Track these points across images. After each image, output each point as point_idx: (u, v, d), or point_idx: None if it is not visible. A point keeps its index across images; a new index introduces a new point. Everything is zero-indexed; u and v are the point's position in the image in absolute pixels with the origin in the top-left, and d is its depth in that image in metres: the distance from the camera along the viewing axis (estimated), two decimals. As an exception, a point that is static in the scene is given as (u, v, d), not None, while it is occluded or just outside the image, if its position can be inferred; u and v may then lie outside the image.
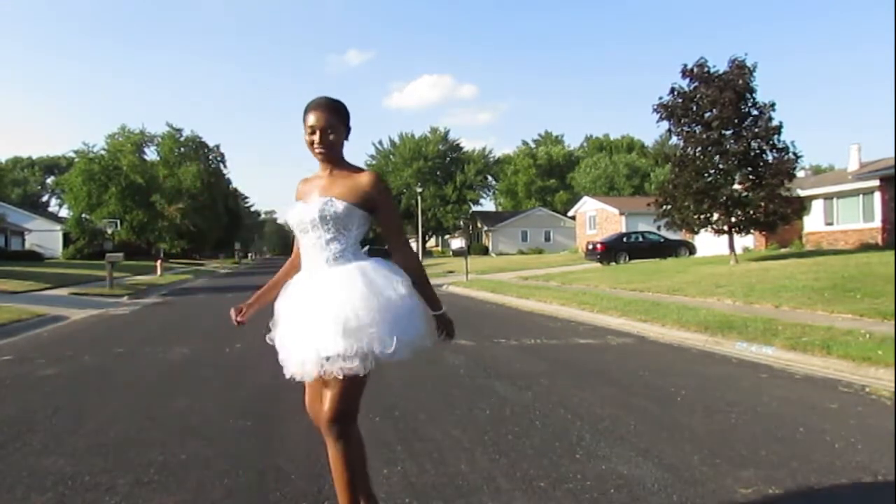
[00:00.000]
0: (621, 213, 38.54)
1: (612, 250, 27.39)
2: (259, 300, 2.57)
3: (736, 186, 18.60)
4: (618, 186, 62.44)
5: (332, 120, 2.31)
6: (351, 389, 2.18)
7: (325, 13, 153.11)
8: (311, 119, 2.30)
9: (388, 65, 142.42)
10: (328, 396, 2.18)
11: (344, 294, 2.18)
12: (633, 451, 3.58)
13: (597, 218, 41.35)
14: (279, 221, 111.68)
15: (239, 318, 2.52)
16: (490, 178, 67.80)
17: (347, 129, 2.38)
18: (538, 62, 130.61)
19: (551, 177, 71.21)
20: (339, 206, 2.28)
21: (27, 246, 47.74)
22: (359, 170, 2.40)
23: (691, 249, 27.49)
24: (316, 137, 2.30)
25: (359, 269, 2.26)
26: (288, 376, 2.30)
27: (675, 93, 19.12)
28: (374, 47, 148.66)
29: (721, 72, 18.54)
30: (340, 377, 2.13)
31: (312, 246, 2.32)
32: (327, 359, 2.13)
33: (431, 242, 67.09)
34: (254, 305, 2.56)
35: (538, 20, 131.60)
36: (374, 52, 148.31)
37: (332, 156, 2.35)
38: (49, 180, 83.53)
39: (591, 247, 29.11)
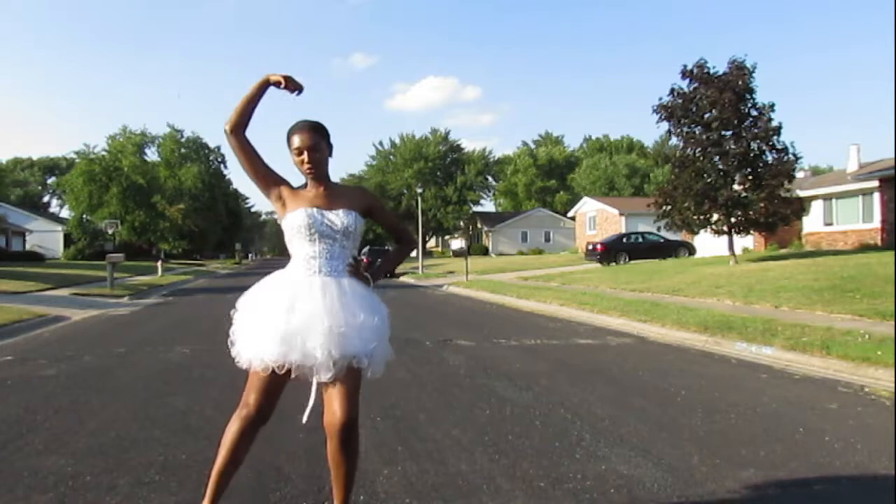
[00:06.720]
0: (621, 214, 38.55)
1: (611, 251, 27.40)
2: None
3: (736, 187, 18.61)
4: (618, 187, 62.41)
5: (316, 138, 2.40)
6: (359, 388, 2.33)
7: (330, 16, 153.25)
8: (297, 141, 2.39)
9: (394, 67, 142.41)
10: (346, 396, 2.25)
11: (375, 302, 2.42)
12: (633, 451, 3.59)
13: (597, 218, 41.36)
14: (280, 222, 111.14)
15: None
16: (490, 178, 67.71)
17: (330, 147, 2.48)
18: (540, 63, 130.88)
19: (551, 177, 71.14)
20: (360, 220, 2.45)
21: (28, 247, 47.71)
22: (346, 186, 2.61)
23: (691, 250, 27.50)
24: (305, 157, 2.39)
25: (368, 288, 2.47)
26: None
27: (675, 94, 19.14)
28: (380, 51, 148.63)
29: (721, 73, 18.57)
30: (354, 376, 2.28)
31: (328, 253, 2.37)
32: (355, 357, 2.26)
33: (432, 243, 67.02)
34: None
35: (540, 21, 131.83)
36: (380, 56, 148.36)
37: (322, 172, 2.45)
38: (50, 181, 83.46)
39: (590, 247, 29.11)
